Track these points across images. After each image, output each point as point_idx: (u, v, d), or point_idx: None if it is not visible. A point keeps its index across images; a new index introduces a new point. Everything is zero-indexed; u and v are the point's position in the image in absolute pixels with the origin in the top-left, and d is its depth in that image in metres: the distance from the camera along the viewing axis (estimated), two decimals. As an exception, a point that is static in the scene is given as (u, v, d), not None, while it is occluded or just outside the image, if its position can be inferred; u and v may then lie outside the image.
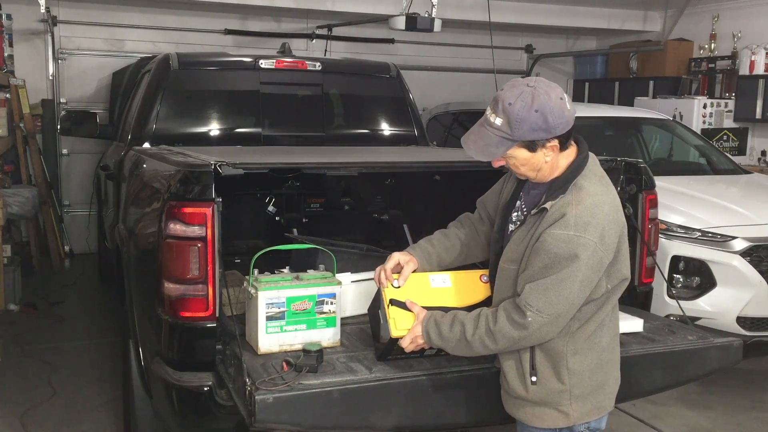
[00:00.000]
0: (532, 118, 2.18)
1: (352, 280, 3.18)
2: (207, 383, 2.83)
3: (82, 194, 8.66)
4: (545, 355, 2.33)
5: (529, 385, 2.35)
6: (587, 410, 2.35)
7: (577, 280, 2.19)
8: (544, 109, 2.18)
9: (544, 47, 11.02)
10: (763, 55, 8.46)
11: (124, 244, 3.70)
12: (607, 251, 2.22)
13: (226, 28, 9.16)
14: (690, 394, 4.89)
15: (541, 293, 2.21)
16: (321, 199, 4.47)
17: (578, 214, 2.20)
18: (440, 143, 6.93)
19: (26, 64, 8.28)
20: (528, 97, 2.19)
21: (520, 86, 2.23)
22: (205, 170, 2.81)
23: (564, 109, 2.22)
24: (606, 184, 2.35)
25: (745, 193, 6.13)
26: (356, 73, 5.57)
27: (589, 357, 2.35)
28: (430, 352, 2.69)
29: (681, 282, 5.09)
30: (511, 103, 2.20)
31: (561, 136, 2.25)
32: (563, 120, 2.22)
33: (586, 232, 2.17)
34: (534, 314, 2.22)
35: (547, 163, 2.30)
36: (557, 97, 2.21)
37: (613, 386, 2.45)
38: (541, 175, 2.35)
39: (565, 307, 2.22)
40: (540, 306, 2.21)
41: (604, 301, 2.34)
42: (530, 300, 2.23)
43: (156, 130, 4.73)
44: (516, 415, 2.44)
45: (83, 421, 4.36)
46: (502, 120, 2.22)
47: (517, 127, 2.20)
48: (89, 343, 5.69)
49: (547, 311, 2.21)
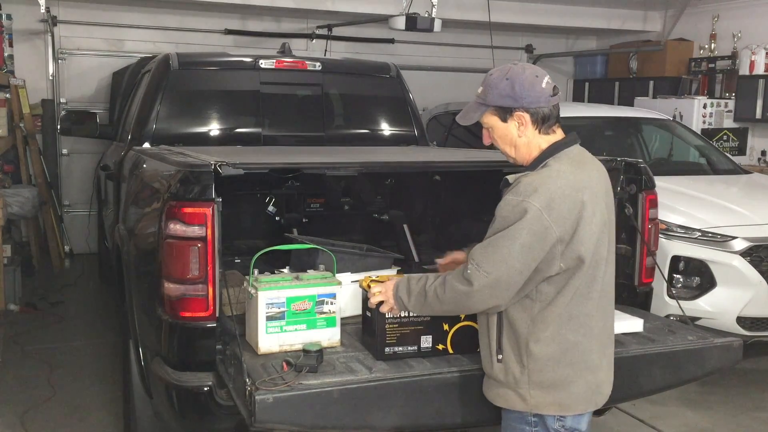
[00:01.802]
0: (502, 84, 2.41)
1: (352, 280, 3.18)
2: (207, 383, 2.83)
3: (82, 194, 8.66)
4: (510, 335, 2.39)
5: (495, 363, 2.42)
6: (547, 402, 2.36)
7: (516, 242, 2.25)
8: (514, 78, 2.40)
9: (544, 47, 11.02)
10: (763, 55, 8.46)
11: (124, 244, 3.70)
12: (557, 223, 2.26)
13: (226, 28, 9.17)
14: (690, 394, 4.89)
15: (482, 248, 2.33)
16: (321, 199, 4.47)
17: (528, 182, 2.32)
18: (440, 143, 6.92)
19: (26, 64, 8.28)
20: (506, 69, 2.45)
21: (507, 64, 2.49)
22: (205, 170, 2.81)
23: (535, 84, 2.39)
24: (579, 167, 2.40)
25: (745, 193, 6.13)
26: (356, 73, 5.57)
27: (551, 347, 2.35)
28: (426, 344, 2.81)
29: (681, 282, 5.09)
30: (491, 74, 2.47)
31: (532, 111, 2.40)
32: (532, 93, 2.38)
33: (530, 197, 2.27)
34: (473, 268, 2.31)
35: (521, 138, 2.44)
36: (531, 74, 2.41)
37: (584, 389, 2.39)
38: (519, 155, 2.48)
39: (504, 268, 2.27)
40: (479, 260, 2.31)
41: (562, 285, 2.33)
42: (473, 254, 2.34)
43: (156, 130, 4.73)
44: (487, 395, 2.51)
45: (83, 421, 4.37)
46: (481, 88, 2.48)
47: (489, 92, 2.44)
48: (89, 343, 5.69)
49: (485, 267, 2.29)
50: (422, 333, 2.81)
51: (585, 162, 2.45)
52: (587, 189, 2.35)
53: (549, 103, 2.41)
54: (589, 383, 2.41)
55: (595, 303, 2.40)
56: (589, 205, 2.33)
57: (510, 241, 2.26)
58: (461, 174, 4.27)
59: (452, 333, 2.83)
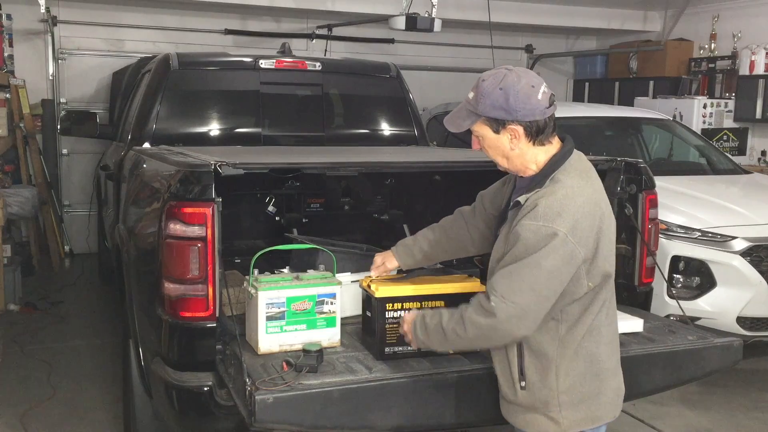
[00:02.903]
0: (495, 94, 2.24)
1: (352, 280, 3.18)
2: (207, 383, 2.83)
3: (82, 194, 8.66)
4: (535, 360, 2.30)
5: (518, 390, 2.32)
6: (579, 419, 2.31)
7: (543, 269, 2.14)
8: (508, 89, 2.23)
9: (544, 47, 11.01)
10: (763, 55, 8.46)
11: (124, 244, 3.70)
12: (581, 244, 2.18)
13: (226, 28, 9.16)
14: (690, 394, 4.89)
15: (505, 278, 2.19)
16: (321, 199, 4.47)
17: (548, 204, 2.18)
18: (440, 143, 6.92)
19: (26, 64, 8.28)
20: (500, 76, 2.27)
21: (501, 68, 2.31)
22: (205, 170, 2.81)
23: (531, 96, 2.24)
24: (587, 178, 2.32)
25: (745, 193, 6.13)
26: (356, 73, 5.56)
27: (580, 364, 2.30)
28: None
29: (681, 282, 5.09)
30: (484, 80, 2.30)
31: (526, 124, 2.26)
32: (527, 106, 2.23)
33: (554, 222, 2.15)
34: (497, 299, 2.18)
35: (513, 151, 2.31)
36: (527, 84, 2.24)
37: (611, 396, 2.38)
38: (512, 165, 2.36)
39: (532, 297, 2.16)
40: (503, 291, 2.18)
41: (589, 302, 2.28)
42: (495, 285, 2.21)
43: (156, 130, 4.73)
44: (510, 420, 2.43)
45: (83, 421, 4.36)
46: (473, 94, 2.32)
47: (481, 101, 2.27)
48: (89, 343, 5.69)
49: (510, 298, 2.17)
50: None
51: (588, 169, 2.37)
52: (602, 200, 2.31)
53: (544, 115, 2.26)
54: (613, 389, 2.40)
55: (611, 310, 2.39)
56: (606, 215, 2.29)
57: (535, 270, 2.15)
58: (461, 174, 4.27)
59: None
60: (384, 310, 2.77)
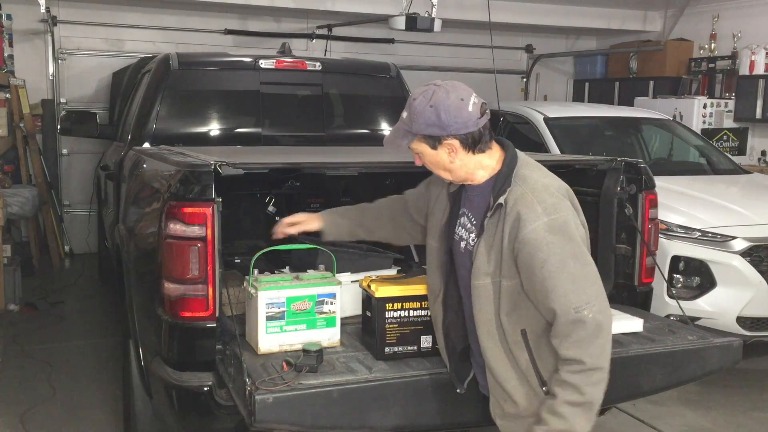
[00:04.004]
0: (426, 112, 2.26)
1: (352, 280, 3.18)
2: (207, 383, 2.83)
3: (82, 194, 8.66)
4: (551, 362, 2.25)
5: (542, 396, 2.26)
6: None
7: (584, 253, 2.21)
8: (438, 105, 2.24)
9: (544, 47, 11.01)
10: (763, 55, 8.46)
11: (124, 244, 3.70)
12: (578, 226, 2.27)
13: (226, 28, 9.16)
14: (690, 394, 4.89)
15: (568, 285, 2.15)
16: (321, 199, 4.46)
17: (540, 199, 2.22)
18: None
19: (26, 64, 8.28)
20: (429, 93, 2.27)
21: (430, 85, 2.31)
22: (205, 170, 2.81)
23: (461, 110, 2.24)
24: (543, 170, 2.38)
25: (745, 193, 6.13)
26: (356, 73, 5.56)
27: None
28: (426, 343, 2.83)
29: (681, 282, 5.09)
30: (415, 98, 2.31)
31: (461, 137, 2.27)
32: (459, 119, 2.24)
33: (557, 211, 2.21)
34: (588, 308, 2.13)
35: (453, 163, 2.33)
36: (457, 98, 2.25)
37: None
38: (456, 176, 2.38)
39: (595, 281, 2.20)
40: (586, 298, 2.14)
41: None
42: (573, 302, 2.14)
43: (156, 130, 4.72)
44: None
45: (83, 421, 4.36)
46: (406, 113, 2.33)
47: (414, 120, 2.29)
48: (89, 343, 5.69)
49: (592, 299, 2.15)
50: (422, 333, 2.81)
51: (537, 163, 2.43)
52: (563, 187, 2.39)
53: (478, 125, 2.27)
54: None
55: None
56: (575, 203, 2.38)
57: (582, 256, 2.19)
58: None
59: None
60: (384, 310, 2.77)
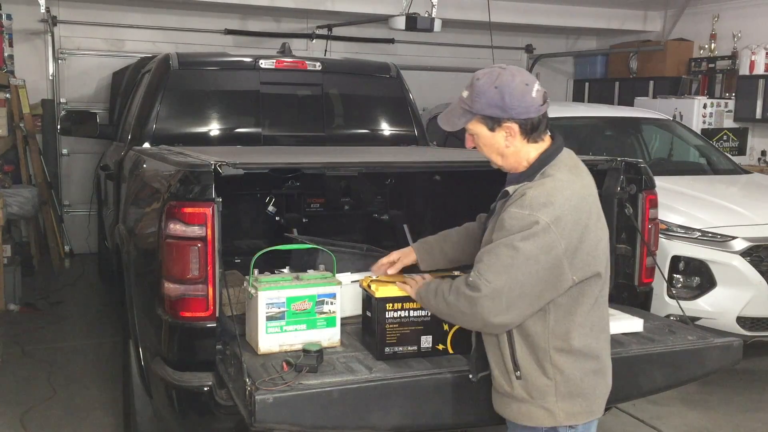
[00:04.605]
0: (490, 92, 2.29)
1: (352, 280, 3.18)
2: (207, 383, 2.83)
3: (82, 194, 8.66)
4: (527, 350, 2.31)
5: (513, 380, 2.33)
6: (575, 411, 2.32)
7: (519, 252, 2.18)
8: (503, 87, 2.28)
9: (544, 47, 11.02)
10: (763, 55, 8.46)
11: (124, 244, 3.70)
12: (563, 236, 2.19)
13: (226, 28, 9.17)
14: (690, 394, 4.89)
15: (485, 255, 2.26)
16: (321, 199, 4.47)
17: (535, 195, 2.23)
18: (440, 143, 6.92)
19: (26, 64, 8.28)
20: (494, 75, 2.31)
21: (494, 67, 2.35)
22: (205, 170, 2.81)
23: (525, 94, 2.28)
24: (577, 174, 2.35)
25: (745, 193, 6.13)
26: (356, 73, 5.56)
27: (577, 356, 2.31)
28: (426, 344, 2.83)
29: (681, 282, 5.09)
30: (478, 78, 2.34)
31: (521, 121, 2.30)
32: (522, 104, 2.28)
33: (539, 211, 2.19)
34: (476, 275, 2.25)
35: (508, 148, 2.35)
36: (521, 81, 2.29)
37: (604, 392, 2.42)
38: (507, 163, 2.40)
39: (506, 279, 2.19)
40: (482, 268, 2.24)
41: (578, 295, 2.29)
42: (477, 262, 2.29)
43: (156, 130, 4.73)
44: (504, 413, 2.43)
45: (83, 421, 4.36)
46: (467, 93, 2.36)
47: (476, 100, 2.32)
48: (89, 343, 5.69)
49: (486, 275, 2.22)
50: (422, 333, 2.81)
51: (579, 166, 2.41)
52: (590, 195, 2.34)
53: (539, 112, 2.31)
54: (608, 386, 2.44)
55: (604, 310, 2.42)
56: (594, 211, 2.31)
57: (512, 251, 2.19)
58: (461, 174, 4.26)
59: (452, 333, 2.83)
60: (384, 310, 2.77)
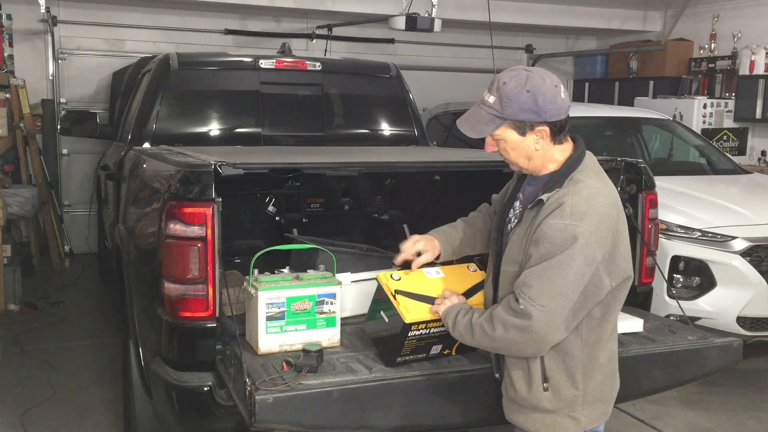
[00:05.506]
0: (523, 97, 2.21)
1: (352, 280, 3.18)
2: (207, 383, 2.83)
3: (82, 194, 8.66)
4: (560, 361, 2.27)
5: (540, 392, 2.28)
6: (596, 415, 2.34)
7: (570, 270, 2.13)
8: (535, 90, 2.21)
9: (544, 47, 11.02)
10: (763, 55, 8.46)
11: (124, 244, 3.70)
12: (600, 245, 2.17)
13: (226, 28, 9.16)
14: (690, 394, 4.89)
15: (534, 279, 2.16)
16: (321, 199, 4.46)
17: (574, 203, 2.18)
18: (440, 143, 6.93)
19: (26, 64, 8.27)
20: (523, 78, 2.23)
21: (517, 69, 2.28)
22: (205, 170, 2.81)
23: (557, 96, 2.23)
24: (603, 179, 2.33)
25: (745, 193, 6.13)
26: (356, 73, 5.56)
27: (605, 363, 2.33)
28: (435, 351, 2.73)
29: (681, 282, 5.09)
30: (505, 83, 2.24)
31: (552, 123, 2.25)
32: (555, 106, 2.23)
33: (582, 221, 2.15)
34: (526, 302, 2.15)
35: (537, 151, 2.29)
36: (551, 84, 2.24)
37: (617, 391, 2.44)
38: (532, 165, 2.34)
39: (560, 300, 2.14)
40: (532, 294, 2.15)
41: (610, 302, 2.29)
42: (523, 286, 2.18)
43: (156, 130, 4.73)
44: (523, 424, 2.37)
45: (83, 421, 4.36)
46: (494, 98, 2.26)
47: (507, 105, 2.23)
48: (89, 343, 5.69)
49: (539, 300, 2.14)
50: (435, 343, 2.74)
51: (601, 170, 2.37)
52: (617, 199, 2.31)
53: (567, 114, 2.28)
54: (618, 383, 2.46)
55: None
56: (621, 215, 2.29)
57: (564, 270, 2.13)
58: (461, 174, 4.27)
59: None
60: (408, 330, 2.62)
